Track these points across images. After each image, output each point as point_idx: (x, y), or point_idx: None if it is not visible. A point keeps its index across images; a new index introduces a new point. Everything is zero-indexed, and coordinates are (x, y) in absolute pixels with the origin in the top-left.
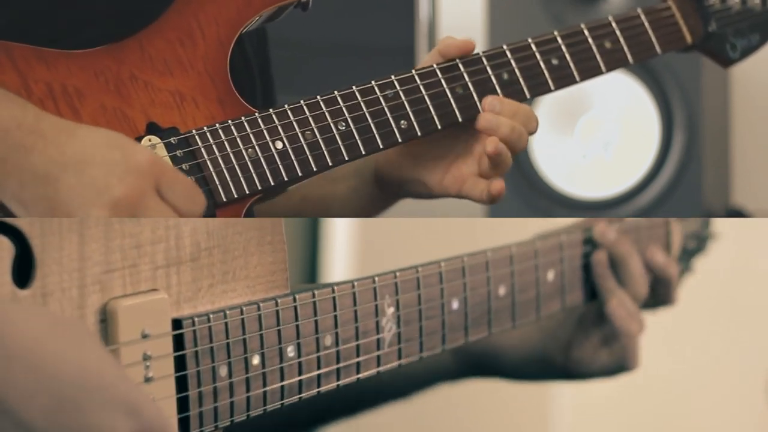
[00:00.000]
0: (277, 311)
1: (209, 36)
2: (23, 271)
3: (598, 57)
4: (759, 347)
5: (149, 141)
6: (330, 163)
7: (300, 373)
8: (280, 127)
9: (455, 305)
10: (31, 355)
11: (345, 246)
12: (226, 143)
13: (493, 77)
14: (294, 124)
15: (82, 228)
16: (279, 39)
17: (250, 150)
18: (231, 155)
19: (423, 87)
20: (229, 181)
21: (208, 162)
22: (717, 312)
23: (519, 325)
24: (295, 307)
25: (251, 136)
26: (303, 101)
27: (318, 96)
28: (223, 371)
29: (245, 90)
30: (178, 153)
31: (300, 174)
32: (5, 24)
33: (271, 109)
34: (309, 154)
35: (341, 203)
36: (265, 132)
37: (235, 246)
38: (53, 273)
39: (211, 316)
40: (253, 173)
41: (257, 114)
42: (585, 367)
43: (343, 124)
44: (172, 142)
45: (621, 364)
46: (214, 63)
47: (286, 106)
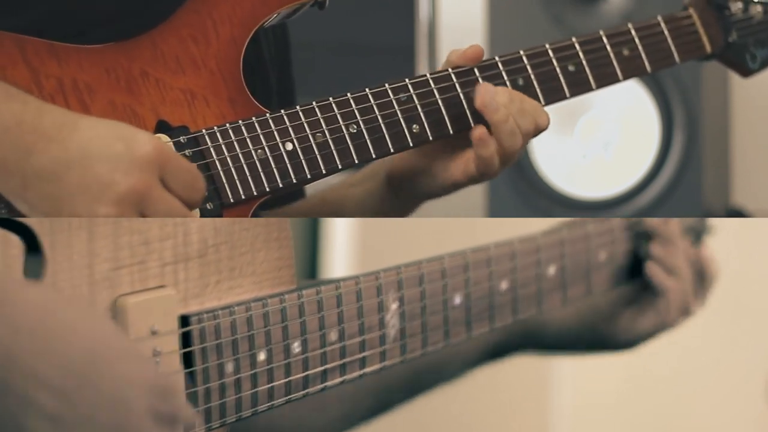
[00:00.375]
0: (284, 307)
1: (223, 34)
2: (34, 269)
3: (615, 64)
4: (759, 347)
5: (158, 139)
6: (340, 166)
7: (305, 369)
8: (290, 129)
9: (458, 300)
10: (40, 327)
11: (345, 245)
12: (235, 143)
13: (508, 82)
14: (305, 125)
15: (90, 225)
16: None
17: (259, 151)
18: (240, 155)
19: (437, 91)
20: (237, 182)
21: (216, 162)
22: (717, 312)
23: (518, 321)
24: (301, 303)
25: (261, 137)
26: (315, 103)
27: (330, 98)
28: (230, 367)
29: (258, 90)
30: (186, 152)
31: (309, 176)
32: (20, 21)
33: (282, 110)
34: (318, 155)
35: (357, 206)
36: (276, 133)
37: (242, 242)
38: (63, 270)
39: (219, 312)
40: (261, 174)
41: (268, 115)
42: (630, 332)
43: (355, 126)
44: (181, 141)
45: (663, 320)
46: (226, 62)
47: (297, 107)
